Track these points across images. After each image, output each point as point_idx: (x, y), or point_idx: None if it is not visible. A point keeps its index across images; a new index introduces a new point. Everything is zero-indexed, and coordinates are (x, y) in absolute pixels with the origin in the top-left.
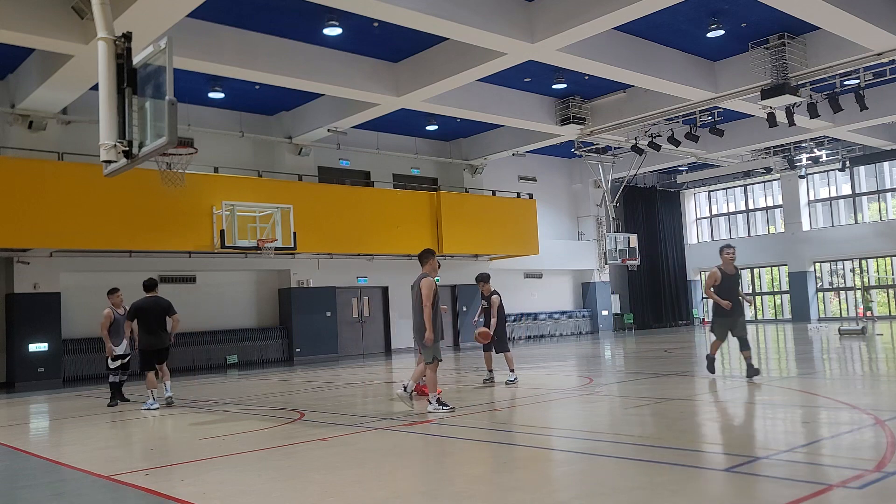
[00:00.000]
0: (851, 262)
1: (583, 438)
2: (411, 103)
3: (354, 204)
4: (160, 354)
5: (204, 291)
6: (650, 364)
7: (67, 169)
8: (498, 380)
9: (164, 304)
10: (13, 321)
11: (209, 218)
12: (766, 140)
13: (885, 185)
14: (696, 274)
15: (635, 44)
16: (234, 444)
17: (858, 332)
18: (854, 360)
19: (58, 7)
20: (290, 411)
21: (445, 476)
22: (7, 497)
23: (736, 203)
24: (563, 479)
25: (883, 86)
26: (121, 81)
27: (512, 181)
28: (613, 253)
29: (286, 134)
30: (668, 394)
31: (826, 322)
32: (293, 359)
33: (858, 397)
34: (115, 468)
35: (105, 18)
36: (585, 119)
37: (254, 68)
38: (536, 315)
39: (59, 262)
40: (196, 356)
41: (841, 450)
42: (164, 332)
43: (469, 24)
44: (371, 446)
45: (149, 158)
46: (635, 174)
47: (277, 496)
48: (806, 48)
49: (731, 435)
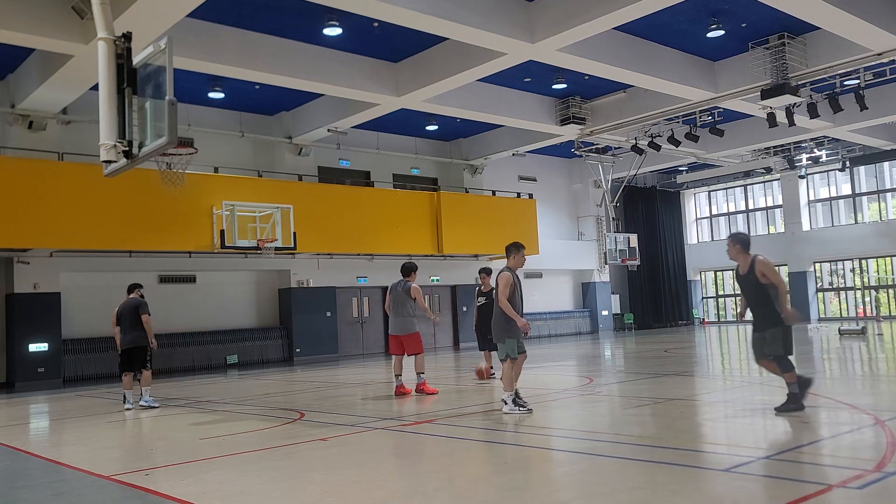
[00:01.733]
0: (851, 263)
1: (583, 438)
2: (411, 103)
3: (354, 204)
4: (134, 354)
5: (204, 291)
6: (650, 364)
7: (67, 169)
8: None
9: (134, 304)
10: (13, 321)
11: (209, 218)
12: (766, 140)
13: (885, 185)
14: (697, 274)
15: (635, 44)
16: (234, 444)
17: (858, 332)
18: (854, 360)
19: (58, 7)
20: (290, 411)
21: (445, 476)
22: (7, 497)
23: (736, 203)
24: (563, 479)
25: (883, 86)
26: (121, 81)
27: (512, 181)
28: (613, 253)
29: (286, 134)
30: (668, 394)
31: (826, 322)
32: (293, 359)
33: (858, 397)
34: (115, 468)
35: (105, 18)
36: (585, 119)
37: (254, 68)
38: (536, 315)
39: (59, 262)
40: (196, 356)
41: (841, 450)
42: (136, 331)
43: (469, 24)
44: (371, 446)
45: (149, 158)
46: (635, 174)
47: (277, 496)
48: (806, 48)
49: (731, 435)
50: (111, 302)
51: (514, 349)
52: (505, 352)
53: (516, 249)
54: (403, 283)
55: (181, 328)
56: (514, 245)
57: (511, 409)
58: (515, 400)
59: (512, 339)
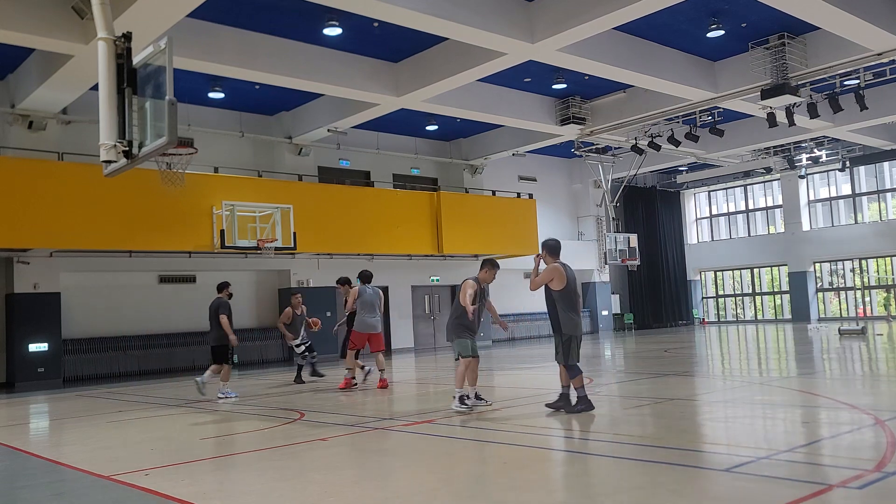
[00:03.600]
0: (851, 262)
1: (583, 438)
2: (411, 103)
3: (354, 204)
4: (216, 351)
5: (204, 291)
6: (650, 364)
7: (67, 169)
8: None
9: (215, 304)
10: (13, 321)
11: (209, 218)
12: (766, 140)
13: (885, 185)
14: (697, 274)
15: (635, 44)
16: (234, 444)
17: (858, 332)
18: (854, 360)
19: (58, 7)
20: (290, 411)
21: (445, 476)
22: (7, 497)
23: (736, 203)
24: (563, 479)
25: (883, 86)
26: (121, 81)
27: (512, 181)
28: (613, 253)
29: (286, 134)
30: (668, 394)
31: (826, 322)
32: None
33: (858, 397)
34: (116, 468)
35: (105, 18)
36: (585, 119)
37: (254, 68)
38: (536, 315)
39: (59, 262)
40: (196, 356)
41: (841, 450)
42: (216, 330)
43: (469, 24)
44: (371, 446)
45: (149, 158)
46: (635, 174)
47: (277, 496)
48: (806, 48)
49: (731, 435)
50: (111, 302)
51: (466, 349)
52: (457, 351)
53: (491, 266)
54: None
55: (181, 328)
56: (493, 262)
57: (457, 405)
58: (462, 398)
59: (463, 340)
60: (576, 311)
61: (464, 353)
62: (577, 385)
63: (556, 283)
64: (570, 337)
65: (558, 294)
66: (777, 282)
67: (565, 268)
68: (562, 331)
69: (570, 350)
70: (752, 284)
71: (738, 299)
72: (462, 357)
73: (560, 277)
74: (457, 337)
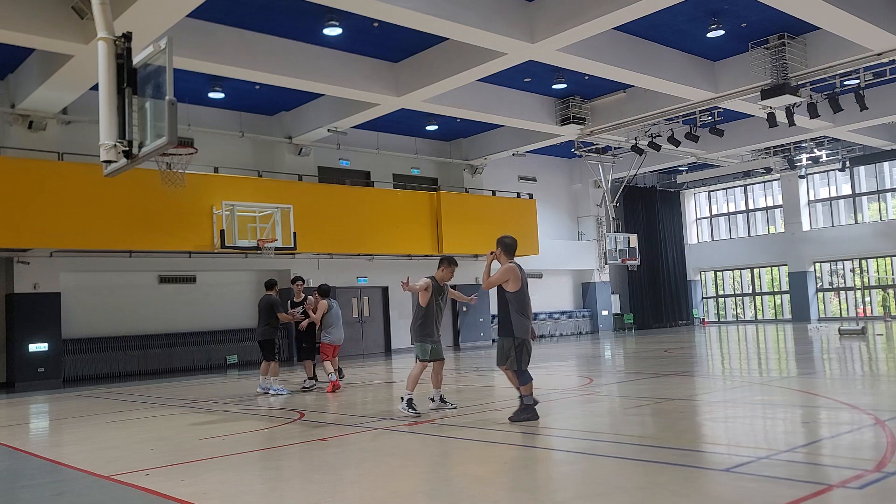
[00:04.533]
0: (851, 262)
1: (583, 438)
2: (411, 103)
3: (354, 204)
4: (263, 347)
5: (204, 291)
6: (650, 364)
7: (67, 169)
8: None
9: (266, 302)
10: (13, 321)
11: (209, 218)
12: (766, 140)
13: (885, 185)
14: (697, 274)
15: (635, 44)
16: (234, 444)
17: (858, 332)
18: (854, 360)
19: (58, 7)
20: (290, 411)
21: (445, 476)
22: (7, 497)
23: (736, 203)
24: (563, 479)
25: (883, 86)
26: (121, 81)
27: (512, 181)
28: (613, 253)
29: (286, 134)
30: (668, 394)
31: (826, 322)
32: (293, 359)
33: (858, 397)
34: (116, 468)
35: (105, 18)
36: (585, 119)
37: (254, 68)
38: (536, 315)
39: (59, 262)
40: (196, 356)
41: (841, 450)
42: (263, 326)
43: (469, 24)
44: (371, 446)
45: (149, 158)
46: (635, 174)
47: (277, 496)
48: (806, 48)
49: (731, 435)
50: (111, 302)
51: (425, 353)
52: (416, 353)
53: (448, 264)
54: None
55: (181, 328)
56: (450, 260)
57: (403, 407)
58: (410, 402)
59: (423, 344)
60: (528, 315)
61: (422, 357)
62: (527, 392)
63: (511, 284)
64: (523, 341)
65: (512, 295)
66: (777, 282)
67: (520, 269)
68: (514, 334)
69: (522, 355)
70: (752, 284)
71: (738, 299)
72: (420, 360)
73: (516, 278)
74: (417, 340)
